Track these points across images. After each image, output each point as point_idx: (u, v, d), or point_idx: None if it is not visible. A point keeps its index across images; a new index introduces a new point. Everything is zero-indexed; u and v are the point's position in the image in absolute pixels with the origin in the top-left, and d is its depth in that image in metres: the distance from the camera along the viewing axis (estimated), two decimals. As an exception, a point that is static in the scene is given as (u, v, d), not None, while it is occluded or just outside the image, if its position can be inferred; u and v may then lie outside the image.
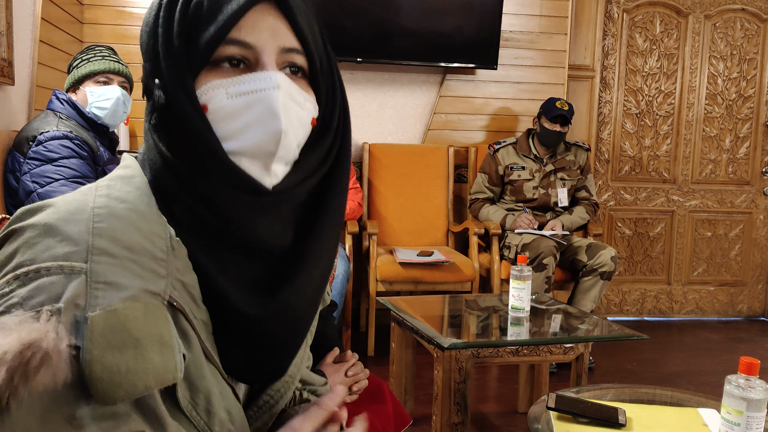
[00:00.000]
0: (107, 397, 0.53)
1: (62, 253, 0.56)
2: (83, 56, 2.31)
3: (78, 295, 0.54)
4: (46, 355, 0.50)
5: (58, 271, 0.55)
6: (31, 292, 0.54)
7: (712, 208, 4.26)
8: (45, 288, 0.54)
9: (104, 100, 2.27)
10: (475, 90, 3.83)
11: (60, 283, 0.54)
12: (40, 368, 0.50)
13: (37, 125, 2.16)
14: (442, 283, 3.16)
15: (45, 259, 0.55)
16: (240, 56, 0.65)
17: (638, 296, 4.25)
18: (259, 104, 0.64)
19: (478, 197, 3.45)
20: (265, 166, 0.65)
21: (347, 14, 3.48)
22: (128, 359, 0.53)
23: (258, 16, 0.65)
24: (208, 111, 0.64)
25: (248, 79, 0.64)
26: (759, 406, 1.21)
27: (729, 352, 3.56)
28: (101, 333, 0.53)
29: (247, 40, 0.64)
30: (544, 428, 1.40)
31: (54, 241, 0.56)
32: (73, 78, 2.29)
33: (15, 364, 0.49)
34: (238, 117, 0.64)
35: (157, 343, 0.56)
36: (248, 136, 0.64)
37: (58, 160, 2.09)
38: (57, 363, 0.51)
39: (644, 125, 4.15)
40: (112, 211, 0.60)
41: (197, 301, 0.64)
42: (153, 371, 0.55)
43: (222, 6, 0.63)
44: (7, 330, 0.50)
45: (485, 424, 2.51)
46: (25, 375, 0.49)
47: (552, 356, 2.04)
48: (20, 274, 0.55)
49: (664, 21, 4.09)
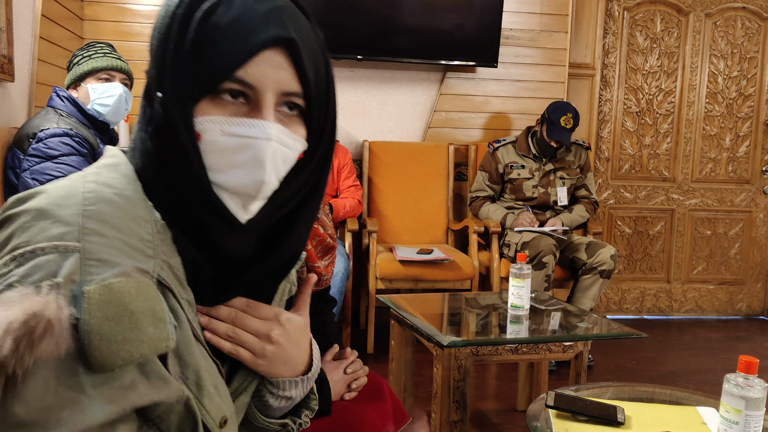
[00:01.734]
0: (105, 364, 0.56)
1: (56, 234, 0.59)
2: (84, 53, 2.31)
3: (74, 271, 0.57)
4: (49, 323, 0.53)
5: (53, 250, 0.58)
6: (28, 271, 0.57)
7: (712, 206, 4.26)
8: (42, 266, 0.57)
9: (107, 96, 2.27)
10: (476, 88, 3.83)
11: (55, 261, 0.57)
12: (45, 337, 0.52)
13: (37, 122, 2.16)
14: (441, 281, 3.16)
15: (40, 240, 0.58)
16: (241, 91, 0.67)
17: (638, 295, 4.25)
18: (249, 150, 0.67)
19: (479, 195, 3.45)
20: (243, 204, 0.69)
21: (348, 12, 3.48)
22: (124, 329, 0.57)
23: (265, 59, 0.66)
24: (201, 140, 0.66)
25: (243, 123, 0.66)
26: (758, 404, 1.21)
27: (728, 350, 3.56)
28: (97, 305, 0.56)
29: (250, 81, 0.66)
30: (543, 426, 1.41)
31: (47, 223, 0.60)
32: (74, 75, 2.29)
33: (20, 333, 0.51)
34: (228, 155, 0.67)
35: (151, 316, 0.59)
36: (233, 176, 0.67)
37: (59, 158, 2.09)
38: (60, 331, 0.53)
39: (644, 124, 4.15)
40: (100, 196, 0.63)
41: (182, 283, 0.68)
42: (148, 340, 0.58)
43: (236, 39, 0.65)
44: (10, 303, 0.53)
45: (484, 422, 2.51)
46: (30, 343, 0.52)
47: (551, 354, 2.05)
48: (17, 255, 0.58)
49: (665, 19, 4.09)
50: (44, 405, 0.54)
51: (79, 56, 2.31)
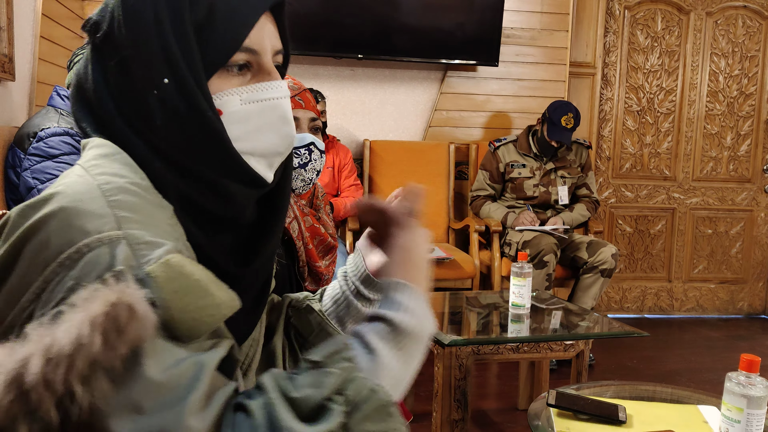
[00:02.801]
0: (192, 334, 0.57)
1: (95, 227, 0.58)
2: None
3: (128, 257, 0.57)
4: (130, 308, 0.52)
5: (98, 243, 0.57)
6: (82, 271, 0.56)
7: (713, 205, 4.26)
8: (94, 261, 0.56)
9: None
10: (476, 87, 3.83)
11: (105, 252, 0.56)
12: (131, 322, 0.52)
13: (37, 121, 2.16)
14: (442, 280, 3.16)
15: (81, 237, 0.57)
16: (247, 61, 0.69)
17: (639, 293, 4.25)
18: (273, 111, 0.70)
19: (480, 194, 3.45)
20: (269, 164, 0.72)
21: (348, 11, 3.48)
22: (197, 298, 0.57)
23: (261, 22, 0.69)
24: (222, 114, 0.68)
25: (262, 88, 0.69)
26: (759, 403, 1.21)
27: (729, 349, 3.56)
28: (165, 281, 0.56)
29: (254, 47, 0.68)
30: (545, 425, 1.41)
31: (81, 220, 0.58)
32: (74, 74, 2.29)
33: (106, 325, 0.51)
34: (251, 121, 0.69)
35: (214, 282, 0.59)
36: (260, 139, 0.70)
37: (59, 157, 2.09)
38: (144, 312, 0.53)
39: (645, 122, 4.15)
40: (118, 185, 0.62)
41: None
42: (222, 303, 0.59)
43: (235, 11, 0.66)
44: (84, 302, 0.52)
45: (485, 421, 2.51)
46: (119, 332, 0.51)
47: (552, 353, 2.05)
48: (63, 260, 0.56)
49: (666, 18, 4.09)
50: (167, 364, 0.54)
51: (79, 55, 2.31)
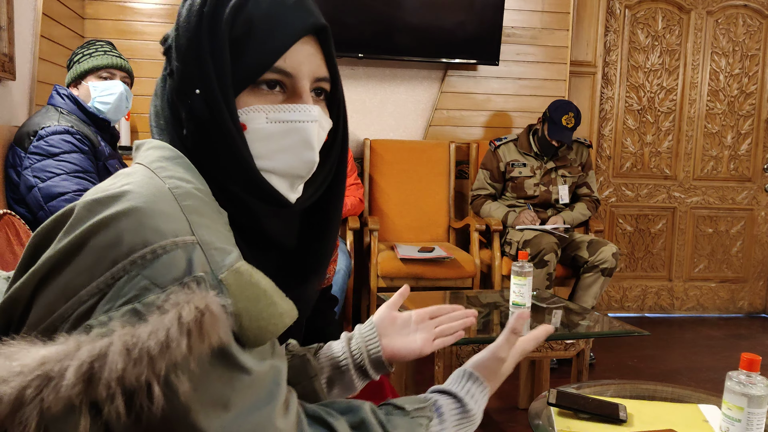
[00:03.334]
0: (258, 341, 0.60)
1: (170, 230, 0.59)
2: (84, 51, 2.31)
3: (203, 263, 0.59)
4: (212, 314, 0.55)
5: (173, 246, 0.58)
6: (157, 271, 0.56)
7: (714, 204, 4.26)
8: (170, 264, 0.57)
9: (108, 95, 2.27)
10: (477, 86, 3.83)
11: (181, 256, 0.58)
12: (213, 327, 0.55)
13: (38, 120, 2.16)
14: (443, 279, 3.16)
15: (157, 239, 0.58)
16: (279, 80, 0.70)
17: (639, 293, 4.25)
18: (296, 134, 0.70)
19: (480, 193, 3.45)
20: (291, 185, 0.72)
21: (349, 10, 3.47)
22: (264, 306, 0.61)
23: (300, 47, 0.70)
24: (246, 130, 0.69)
25: (289, 109, 0.70)
26: (760, 402, 1.21)
27: (730, 348, 3.56)
28: (237, 289, 0.59)
29: (288, 70, 0.69)
30: (545, 424, 1.41)
31: (155, 221, 0.59)
32: (74, 73, 2.29)
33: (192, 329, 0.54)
34: (274, 141, 0.70)
35: (276, 291, 0.62)
36: (282, 159, 0.70)
37: (60, 155, 2.09)
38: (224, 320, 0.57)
39: (646, 121, 4.15)
40: (187, 191, 0.64)
41: None
42: (285, 312, 0.62)
43: (273, 31, 0.68)
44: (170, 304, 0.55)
45: (486, 420, 2.51)
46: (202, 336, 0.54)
47: (553, 352, 2.04)
48: (136, 258, 0.57)
49: (666, 17, 4.08)
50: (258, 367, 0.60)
51: (79, 54, 2.31)
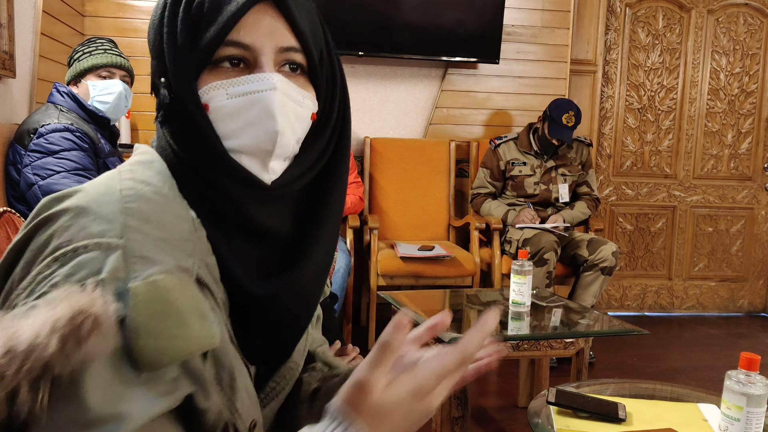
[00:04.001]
0: (153, 363, 0.55)
1: (98, 231, 0.58)
2: (84, 49, 2.31)
3: (118, 268, 0.56)
4: (96, 320, 0.51)
5: (95, 247, 0.57)
6: (72, 270, 0.56)
7: (714, 203, 4.26)
8: (85, 264, 0.56)
9: (106, 94, 2.27)
10: (477, 84, 3.82)
11: (98, 258, 0.56)
12: (92, 334, 0.51)
13: (38, 118, 2.16)
14: (443, 277, 3.16)
15: (81, 237, 0.57)
16: (239, 56, 0.67)
17: (639, 291, 4.25)
18: (257, 105, 0.66)
19: (480, 192, 3.45)
20: (263, 163, 0.68)
21: (348, 8, 3.47)
22: (171, 326, 0.55)
23: (256, 17, 0.67)
24: (209, 110, 0.66)
25: (246, 80, 0.66)
26: (759, 401, 1.21)
27: (729, 347, 3.56)
28: (144, 302, 0.55)
29: (244, 41, 0.66)
30: (544, 423, 1.41)
31: (88, 220, 0.58)
32: (74, 71, 2.29)
33: (67, 331, 0.50)
34: (238, 117, 0.67)
35: (197, 314, 0.58)
36: (247, 135, 0.67)
37: (60, 153, 2.09)
38: (107, 328, 0.52)
39: (646, 120, 4.14)
40: (139, 193, 0.62)
41: (218, 282, 0.66)
42: (195, 337, 0.57)
43: (221, 7, 0.65)
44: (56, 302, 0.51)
45: (485, 419, 2.51)
46: (78, 341, 0.50)
47: (552, 351, 2.05)
48: (59, 255, 0.57)
49: (667, 15, 4.08)
50: (104, 400, 0.52)
51: (79, 52, 2.31)
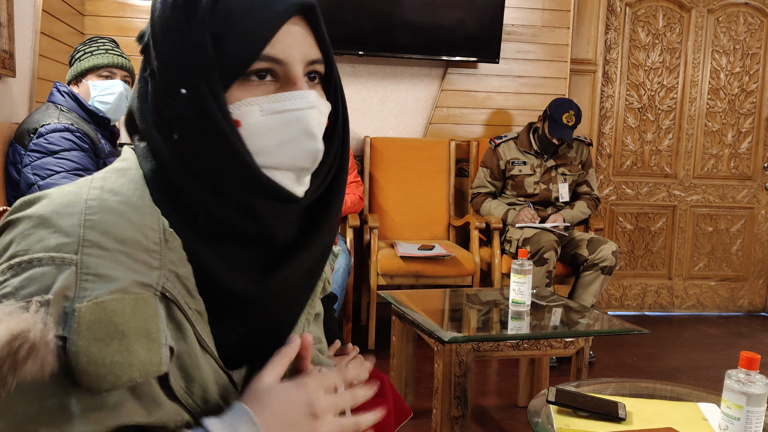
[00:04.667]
0: (92, 387, 0.54)
1: (54, 245, 0.56)
2: (86, 48, 2.31)
3: (68, 286, 0.55)
4: (33, 346, 0.51)
5: (49, 262, 0.56)
6: (23, 282, 0.55)
7: (714, 203, 4.26)
8: (36, 278, 0.55)
9: (107, 94, 2.27)
10: (477, 84, 3.82)
11: (51, 274, 0.55)
12: (28, 359, 0.51)
13: (38, 117, 2.16)
14: (442, 277, 3.16)
15: (38, 250, 0.56)
16: (269, 69, 0.65)
17: (639, 291, 4.25)
18: (296, 124, 0.65)
19: (480, 191, 3.45)
20: (298, 178, 0.68)
21: (349, 7, 3.47)
22: (113, 352, 0.54)
23: (288, 29, 0.65)
24: (240, 126, 0.64)
25: (284, 98, 0.65)
26: (759, 400, 1.21)
27: (729, 347, 3.56)
28: (87, 325, 0.54)
29: (278, 56, 0.64)
30: (544, 422, 1.41)
31: (47, 232, 0.57)
32: (75, 70, 2.29)
33: (3, 354, 0.50)
34: (273, 134, 0.65)
35: (144, 337, 0.57)
36: (284, 153, 0.65)
37: (60, 153, 2.09)
38: (44, 354, 0.52)
39: (646, 120, 4.14)
40: (104, 204, 0.60)
41: (192, 292, 0.64)
42: (138, 364, 0.56)
43: (251, 16, 0.62)
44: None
45: (485, 418, 2.51)
46: (14, 365, 0.50)
47: (552, 350, 2.05)
48: (14, 264, 0.56)
49: (667, 15, 4.08)
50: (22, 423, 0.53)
51: (81, 51, 2.31)
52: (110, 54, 2.30)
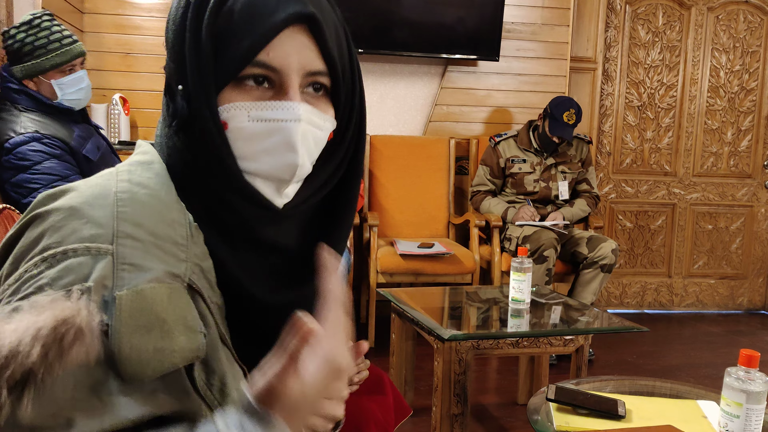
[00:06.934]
0: (135, 374, 0.55)
1: (89, 235, 0.57)
2: (35, 42, 2.08)
3: (105, 275, 0.56)
4: (79, 331, 0.51)
5: (85, 252, 0.56)
6: (59, 273, 0.55)
7: (714, 201, 4.26)
8: (73, 268, 0.55)
9: (76, 90, 2.14)
10: (477, 82, 3.82)
11: (87, 263, 0.56)
12: (74, 344, 0.51)
13: (1, 128, 2.00)
14: (442, 274, 3.16)
15: (72, 241, 0.57)
16: (265, 75, 0.65)
17: (639, 289, 4.25)
18: (279, 134, 0.65)
19: (480, 189, 3.45)
20: (278, 189, 0.68)
21: (348, 4, 3.46)
22: (155, 339, 0.55)
23: (287, 38, 0.65)
24: (228, 128, 0.65)
25: (270, 106, 0.65)
26: (758, 398, 1.21)
27: (729, 345, 3.56)
28: (129, 313, 0.55)
29: (273, 64, 0.64)
30: (544, 419, 1.41)
31: (80, 223, 0.58)
32: (32, 70, 2.08)
33: (50, 340, 0.50)
34: (257, 141, 0.65)
35: (182, 324, 0.57)
36: (264, 162, 0.66)
37: (32, 167, 1.97)
38: (90, 339, 0.52)
39: (646, 118, 4.14)
40: (134, 197, 0.61)
41: (213, 286, 0.65)
42: (179, 350, 0.57)
43: (252, 20, 0.63)
44: (40, 308, 0.51)
45: (485, 416, 2.52)
46: (60, 351, 0.50)
47: (552, 348, 2.05)
48: (48, 256, 0.56)
49: (667, 13, 4.08)
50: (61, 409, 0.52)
51: (29, 46, 2.07)
52: (66, 48, 2.11)
